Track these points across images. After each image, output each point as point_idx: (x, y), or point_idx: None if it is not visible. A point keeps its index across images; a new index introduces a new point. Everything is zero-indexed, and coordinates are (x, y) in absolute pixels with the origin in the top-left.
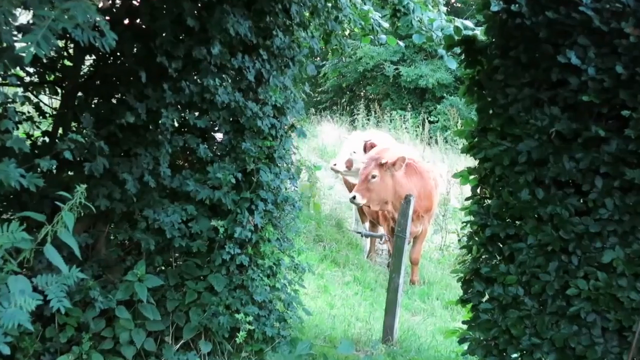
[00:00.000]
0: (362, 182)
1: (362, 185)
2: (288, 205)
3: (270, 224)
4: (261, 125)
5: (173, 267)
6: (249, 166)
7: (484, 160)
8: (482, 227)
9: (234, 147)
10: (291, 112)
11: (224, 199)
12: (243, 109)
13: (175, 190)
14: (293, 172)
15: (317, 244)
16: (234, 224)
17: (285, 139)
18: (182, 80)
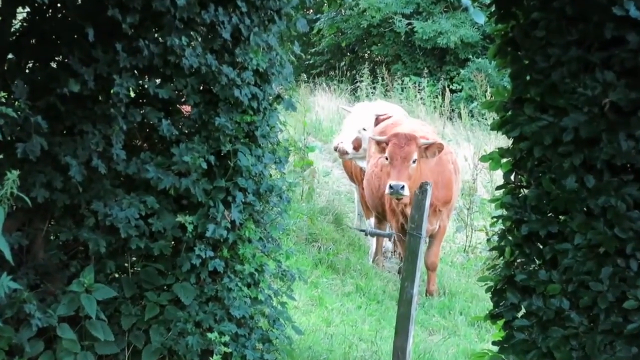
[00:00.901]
0: (402, 167)
1: (403, 171)
2: (273, 197)
3: (251, 220)
4: (239, 95)
5: (129, 274)
6: (225, 147)
7: (520, 139)
8: (518, 223)
9: (205, 123)
10: (277, 79)
11: (193, 188)
12: (216, 75)
13: (132, 178)
14: (280, 155)
15: (310, 244)
16: (205, 220)
17: (270, 113)
18: (139, 38)
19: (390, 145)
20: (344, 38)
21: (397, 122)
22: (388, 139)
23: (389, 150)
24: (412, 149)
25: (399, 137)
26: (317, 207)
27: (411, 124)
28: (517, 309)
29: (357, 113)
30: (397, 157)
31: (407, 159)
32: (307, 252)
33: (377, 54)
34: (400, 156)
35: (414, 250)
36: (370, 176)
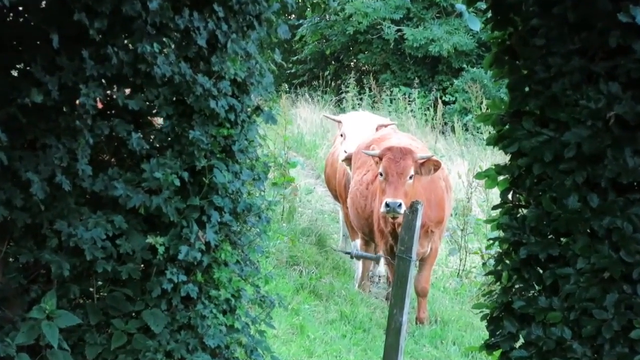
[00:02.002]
0: (398, 183)
1: (400, 187)
2: (252, 216)
3: (227, 242)
4: (215, 107)
5: (95, 299)
6: (199, 163)
7: (518, 155)
8: (516, 245)
9: (178, 136)
10: (256, 90)
11: (165, 207)
12: (191, 84)
13: (98, 196)
14: (259, 171)
15: (292, 268)
16: (177, 241)
17: (249, 126)
18: (107, 45)
19: (385, 160)
20: (329, 45)
21: (384, 137)
22: (382, 152)
23: (383, 165)
24: (409, 164)
25: (394, 151)
26: (298, 228)
27: (400, 138)
28: (515, 339)
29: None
30: (392, 172)
31: (404, 174)
32: (288, 276)
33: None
34: (397, 172)
35: (403, 275)
36: (355, 194)
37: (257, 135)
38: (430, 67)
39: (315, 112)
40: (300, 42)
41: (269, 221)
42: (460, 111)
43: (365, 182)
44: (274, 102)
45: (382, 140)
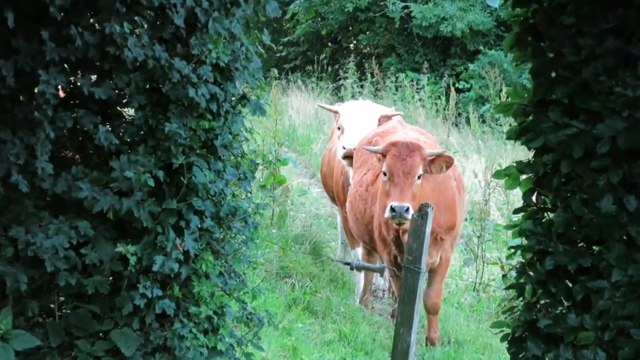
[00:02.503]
0: (404, 185)
1: (407, 189)
2: (237, 222)
3: (209, 251)
4: (195, 95)
5: (56, 318)
6: (176, 160)
7: (543, 150)
8: (541, 255)
9: (152, 130)
10: (242, 76)
11: (137, 211)
12: (167, 70)
13: (61, 198)
14: (245, 170)
15: (283, 281)
16: (152, 250)
17: (233, 118)
18: (70, 25)
19: (390, 157)
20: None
21: (389, 131)
22: (386, 149)
23: (387, 164)
24: (417, 162)
25: (399, 147)
26: (290, 235)
27: (407, 132)
28: None
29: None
30: (398, 172)
31: (411, 174)
32: (279, 290)
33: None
34: (403, 171)
35: (411, 289)
36: (354, 198)
37: (243, 128)
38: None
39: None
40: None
41: (256, 227)
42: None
43: (365, 184)
44: (262, 90)
45: (386, 134)
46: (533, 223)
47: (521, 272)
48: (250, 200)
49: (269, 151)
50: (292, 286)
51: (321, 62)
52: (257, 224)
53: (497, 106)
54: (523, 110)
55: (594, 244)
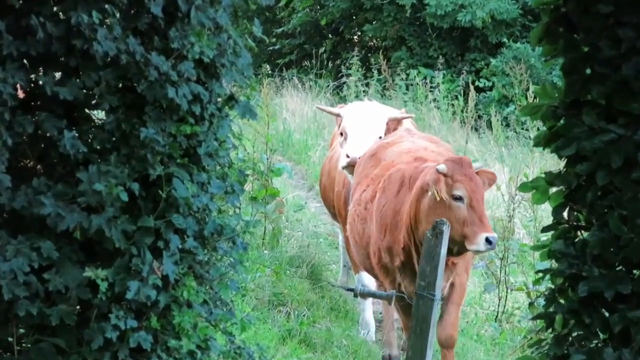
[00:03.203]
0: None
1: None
2: (224, 242)
3: (191, 275)
4: (175, 96)
5: (15, 352)
6: (154, 171)
7: (577, 159)
8: (573, 280)
9: (125, 135)
10: (229, 73)
11: (108, 229)
12: (142, 66)
13: (20, 215)
14: (232, 182)
15: (276, 309)
16: (125, 274)
17: (219, 122)
18: (31, 15)
19: (462, 179)
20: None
21: (394, 141)
22: (451, 167)
23: (464, 187)
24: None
25: (465, 165)
26: (285, 256)
27: (415, 142)
28: None
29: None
30: (478, 196)
31: (483, 195)
32: (272, 320)
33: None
34: (481, 195)
35: (424, 318)
36: (353, 218)
37: (231, 133)
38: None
39: (307, 102)
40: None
41: (246, 248)
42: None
43: (364, 202)
44: (253, 89)
45: (392, 145)
46: (564, 243)
47: (550, 300)
48: (239, 217)
49: (260, 160)
50: (287, 315)
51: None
52: (246, 245)
53: (524, 108)
54: (553, 113)
55: (635, 268)
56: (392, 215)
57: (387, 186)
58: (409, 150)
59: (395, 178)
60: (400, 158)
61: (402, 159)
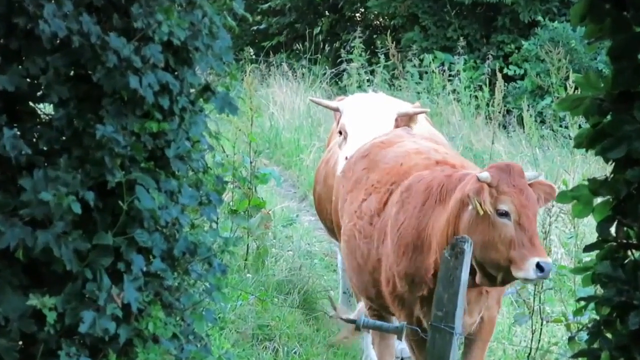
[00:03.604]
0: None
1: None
2: (198, 263)
3: (158, 304)
4: (138, 86)
5: None
6: (112, 177)
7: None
8: (623, 309)
9: (78, 134)
10: (204, 59)
11: (57, 248)
12: (99, 50)
13: None
14: (209, 191)
15: (262, 345)
16: (78, 303)
17: (192, 118)
18: None
19: (509, 190)
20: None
21: (391, 141)
22: (495, 175)
23: (512, 201)
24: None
25: (514, 174)
26: (272, 281)
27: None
28: None
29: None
30: (528, 212)
31: (536, 212)
32: (256, 358)
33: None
34: (533, 212)
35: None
36: (351, 235)
37: (206, 132)
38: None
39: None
40: None
41: (225, 271)
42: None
43: (367, 214)
44: (233, 78)
45: (389, 146)
46: (611, 265)
47: (595, 334)
48: (216, 233)
49: (242, 164)
50: (274, 353)
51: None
52: (225, 267)
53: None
54: (598, 107)
55: None
56: (415, 235)
57: (407, 198)
58: (418, 151)
59: (418, 189)
60: (411, 160)
61: (413, 162)
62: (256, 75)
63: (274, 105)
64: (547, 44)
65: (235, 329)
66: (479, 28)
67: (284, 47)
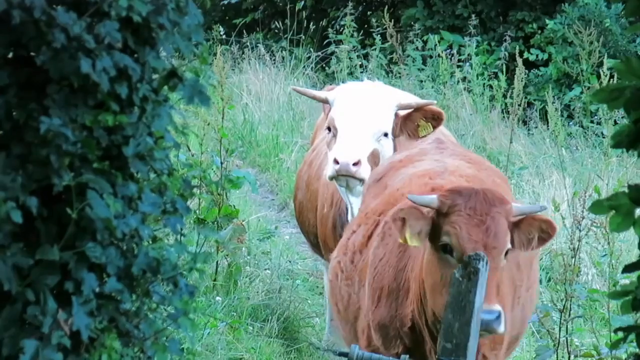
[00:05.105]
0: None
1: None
2: (160, 284)
3: (113, 333)
4: (91, 71)
5: None
6: (59, 180)
7: None
8: None
9: (18, 128)
10: (170, 38)
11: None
12: (44, 28)
13: None
14: (174, 197)
15: None
16: (17, 330)
17: (155, 110)
18: None
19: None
20: None
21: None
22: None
23: (457, 233)
24: (503, 226)
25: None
26: (246, 305)
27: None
28: None
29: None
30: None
31: (498, 248)
32: None
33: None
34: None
35: None
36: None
37: (171, 126)
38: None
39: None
40: None
41: (193, 292)
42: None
43: (350, 250)
44: (203, 62)
45: (406, 165)
46: None
47: None
48: (182, 248)
49: (211, 165)
50: None
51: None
52: (193, 288)
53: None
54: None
55: None
56: (391, 276)
57: (389, 230)
58: (425, 172)
59: None
60: (410, 186)
61: (411, 187)
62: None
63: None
64: (576, 23)
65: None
66: (495, 4)
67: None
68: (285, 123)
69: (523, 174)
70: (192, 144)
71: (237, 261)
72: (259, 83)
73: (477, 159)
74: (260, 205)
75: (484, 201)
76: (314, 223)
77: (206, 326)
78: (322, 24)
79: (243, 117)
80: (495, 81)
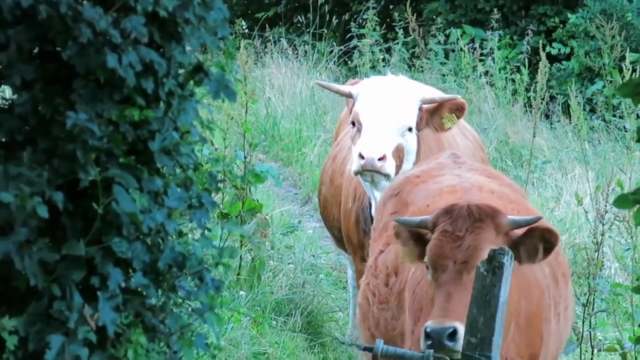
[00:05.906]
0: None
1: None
2: (186, 279)
3: (139, 328)
4: (117, 66)
5: None
6: (86, 175)
7: None
8: None
9: (45, 123)
10: (196, 33)
11: (19, 259)
12: (70, 22)
13: None
14: (200, 191)
15: None
16: (44, 325)
17: (181, 104)
18: None
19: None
20: None
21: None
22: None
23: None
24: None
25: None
26: (270, 300)
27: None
28: None
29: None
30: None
31: (470, 264)
32: None
33: None
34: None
35: None
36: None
37: (197, 121)
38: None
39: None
40: None
41: (219, 287)
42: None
43: (383, 272)
44: (229, 57)
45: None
46: None
47: None
48: (208, 243)
49: (234, 159)
50: None
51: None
52: (219, 283)
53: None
54: None
55: None
56: (429, 295)
57: None
58: (454, 189)
59: None
60: (441, 201)
61: (443, 204)
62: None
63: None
64: (599, 17)
65: (226, 357)
66: None
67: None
68: (307, 117)
69: (546, 167)
70: (216, 139)
71: (261, 255)
72: (281, 77)
73: (496, 173)
74: (284, 199)
75: (467, 216)
76: (338, 218)
77: (230, 321)
78: (344, 17)
79: (266, 111)
80: (517, 75)
